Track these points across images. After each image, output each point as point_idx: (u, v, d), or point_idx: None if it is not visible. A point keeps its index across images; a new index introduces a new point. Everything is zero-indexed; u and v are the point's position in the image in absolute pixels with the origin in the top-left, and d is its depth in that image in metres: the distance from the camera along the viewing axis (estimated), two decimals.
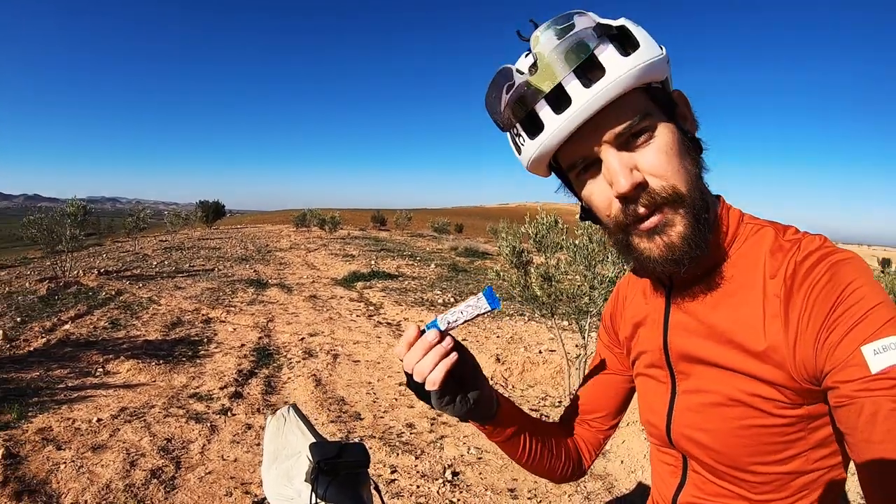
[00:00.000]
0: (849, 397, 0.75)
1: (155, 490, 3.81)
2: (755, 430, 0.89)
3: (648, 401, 1.10)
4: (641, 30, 0.85)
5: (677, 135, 0.88)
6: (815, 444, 0.89)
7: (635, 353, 1.12)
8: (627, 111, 0.84)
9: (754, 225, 0.94)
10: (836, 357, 0.77)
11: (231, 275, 14.42)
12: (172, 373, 6.42)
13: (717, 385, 0.93)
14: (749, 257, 0.91)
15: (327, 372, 6.67)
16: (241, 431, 4.86)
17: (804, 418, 0.87)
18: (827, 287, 0.80)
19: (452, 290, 12.38)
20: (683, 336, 0.98)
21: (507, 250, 6.09)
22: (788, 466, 0.90)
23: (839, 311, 0.78)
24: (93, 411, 5.11)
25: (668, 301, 1.01)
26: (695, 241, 0.86)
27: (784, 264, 0.86)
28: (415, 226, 42.59)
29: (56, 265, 13.80)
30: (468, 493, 3.96)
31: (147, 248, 21.47)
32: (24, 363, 6.53)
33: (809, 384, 0.83)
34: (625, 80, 0.81)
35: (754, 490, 0.94)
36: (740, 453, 0.92)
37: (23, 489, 3.68)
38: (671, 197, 0.85)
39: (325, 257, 19.20)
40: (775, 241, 0.89)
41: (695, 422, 0.97)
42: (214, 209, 37.84)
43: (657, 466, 1.14)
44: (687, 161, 0.88)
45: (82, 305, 9.72)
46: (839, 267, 0.81)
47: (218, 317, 9.47)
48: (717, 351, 0.92)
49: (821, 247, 0.85)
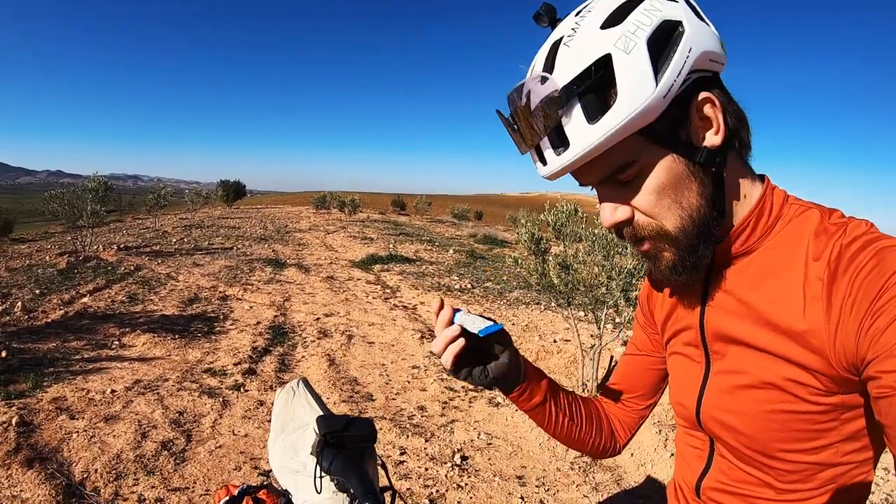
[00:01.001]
0: (892, 388, 0.71)
1: (165, 461, 3.83)
2: (787, 415, 0.86)
3: (680, 380, 1.08)
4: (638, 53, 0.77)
5: (675, 167, 0.84)
6: (847, 437, 0.86)
7: (670, 333, 1.10)
8: (607, 163, 0.84)
9: (799, 206, 0.90)
10: (879, 346, 0.73)
11: (250, 254, 14.50)
12: (187, 348, 6.46)
13: (751, 367, 0.90)
14: (792, 238, 0.88)
15: (341, 352, 6.68)
16: (253, 407, 4.88)
17: (838, 407, 0.83)
18: (873, 273, 0.76)
19: (469, 276, 12.36)
20: (721, 315, 0.95)
21: (525, 237, 6.05)
22: (818, 457, 0.87)
23: (885, 298, 0.74)
24: (107, 383, 5.15)
25: (708, 280, 0.98)
26: (682, 270, 0.89)
27: (829, 247, 0.82)
28: (434, 211, 42.65)
29: (76, 240, 13.95)
30: (476, 478, 3.95)
31: (167, 225, 21.65)
32: (42, 334, 6.60)
33: (848, 372, 0.79)
34: (591, 152, 0.80)
35: (781, 478, 0.91)
36: (769, 438, 0.89)
37: (34, 456, 3.71)
38: (654, 234, 0.87)
39: (343, 239, 19.26)
40: (820, 224, 0.86)
41: (726, 403, 0.95)
42: (235, 189, 38.07)
43: (682, 450, 1.12)
44: (686, 191, 0.85)
45: (101, 279, 9.82)
46: (886, 253, 0.77)
47: (235, 294, 9.52)
48: (753, 332, 0.89)
49: (867, 232, 0.82)
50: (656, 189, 0.84)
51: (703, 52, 0.80)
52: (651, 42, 0.77)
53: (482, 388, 1.43)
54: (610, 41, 0.77)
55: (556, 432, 1.16)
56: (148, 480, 3.60)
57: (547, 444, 4.51)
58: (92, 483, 3.52)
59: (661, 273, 0.91)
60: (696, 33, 0.80)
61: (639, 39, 0.77)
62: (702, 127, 0.85)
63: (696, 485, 1.06)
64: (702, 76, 0.83)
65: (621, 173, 0.84)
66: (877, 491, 3.88)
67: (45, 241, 16.12)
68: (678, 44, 0.78)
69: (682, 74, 0.78)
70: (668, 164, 0.84)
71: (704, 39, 0.81)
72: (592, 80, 0.77)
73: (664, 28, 0.78)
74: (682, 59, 0.78)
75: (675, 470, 1.17)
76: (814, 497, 0.90)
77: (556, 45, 0.83)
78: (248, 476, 3.75)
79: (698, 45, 0.80)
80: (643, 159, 0.83)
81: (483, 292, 10.54)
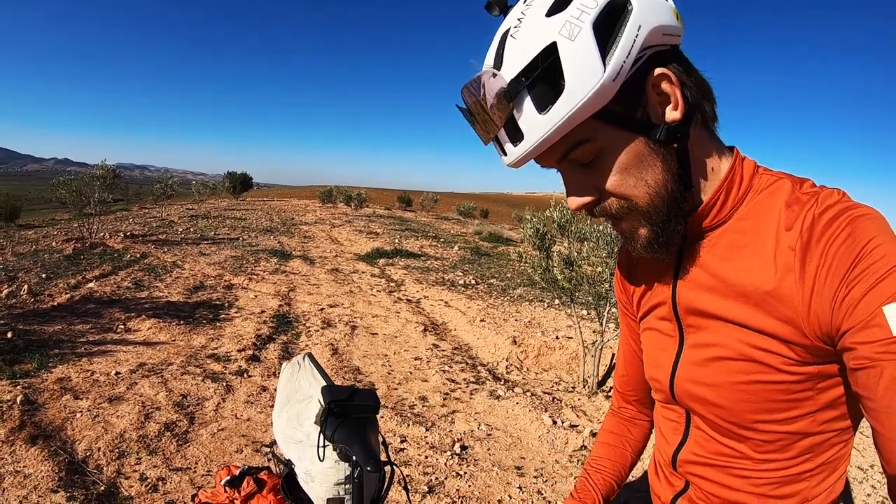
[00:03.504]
0: (869, 359, 0.73)
1: (168, 442, 3.87)
2: (761, 385, 0.87)
3: (654, 354, 1.08)
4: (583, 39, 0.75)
5: (635, 147, 0.83)
6: (823, 406, 0.86)
7: (645, 309, 1.10)
8: (562, 144, 0.83)
9: (770, 176, 0.91)
10: (855, 316, 0.74)
11: (255, 245, 14.53)
12: (192, 333, 6.50)
13: (724, 339, 0.90)
14: (763, 209, 0.88)
15: (344, 342, 6.71)
16: (256, 392, 4.91)
17: (813, 377, 0.84)
18: (847, 242, 0.77)
19: (474, 272, 12.37)
20: (693, 289, 0.95)
21: (530, 232, 6.06)
22: (794, 426, 0.88)
23: (860, 267, 0.74)
24: (112, 365, 5.19)
25: (680, 254, 0.98)
26: (657, 244, 0.89)
27: (801, 216, 0.82)
28: (440, 208, 42.61)
29: (83, 227, 14.01)
30: (475, 467, 3.97)
31: (173, 215, 21.69)
32: (47, 317, 6.64)
33: (822, 342, 0.80)
34: (546, 141, 0.80)
35: (758, 448, 0.92)
36: (744, 409, 0.89)
37: (38, 434, 3.75)
38: (625, 211, 0.87)
39: (349, 233, 19.27)
40: (792, 194, 0.86)
41: (699, 376, 0.95)
42: (242, 181, 38.09)
43: (660, 423, 1.12)
44: (649, 169, 0.84)
45: (107, 266, 9.86)
46: (860, 222, 0.77)
47: (240, 283, 9.55)
48: (725, 304, 0.90)
49: (840, 200, 0.82)
50: (618, 169, 0.84)
51: (655, 27, 0.78)
52: (597, 25, 0.75)
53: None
54: (555, 29, 0.76)
55: None
56: (150, 460, 3.64)
57: (546, 436, 4.53)
58: (95, 461, 3.55)
59: (639, 252, 0.91)
60: (646, 9, 0.77)
61: (583, 24, 0.75)
62: (659, 103, 0.84)
63: (673, 457, 1.07)
64: (657, 51, 0.82)
65: (576, 151, 0.84)
66: (873, 493, 3.89)
67: (51, 227, 16.18)
68: (626, 23, 0.76)
69: (632, 54, 0.77)
70: (626, 145, 0.83)
71: (656, 14, 0.79)
72: (539, 70, 0.76)
73: (610, 9, 0.76)
74: (630, 38, 0.76)
75: (654, 446, 1.18)
76: (792, 466, 0.91)
77: (503, 37, 0.82)
78: (249, 458, 3.78)
79: (649, 22, 0.77)
80: (599, 140, 0.82)
81: (487, 288, 10.55)
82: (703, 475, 1.00)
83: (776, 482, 0.92)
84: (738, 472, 0.95)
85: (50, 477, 3.28)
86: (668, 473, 1.10)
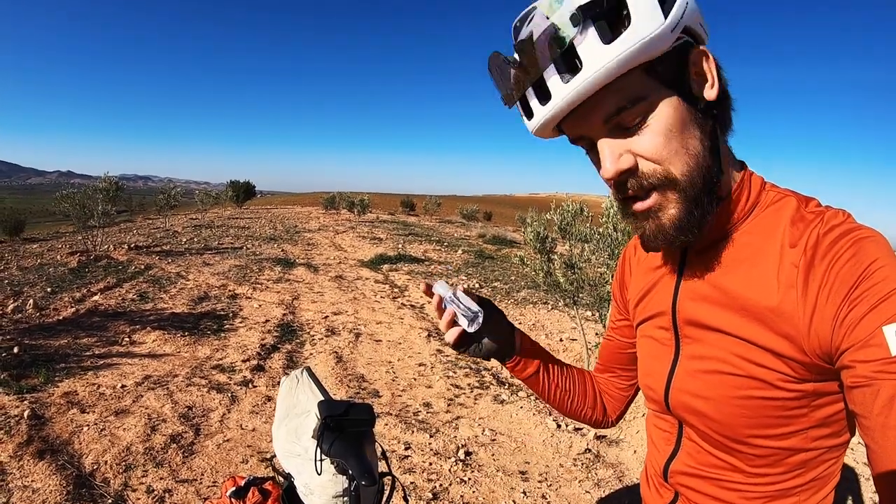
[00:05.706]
0: (866, 378, 0.73)
1: (174, 454, 3.90)
2: (756, 401, 0.87)
3: (649, 363, 1.09)
4: None
5: (681, 110, 0.83)
6: (817, 423, 0.87)
7: (642, 317, 1.10)
8: (616, 96, 0.81)
9: (776, 193, 0.91)
10: (855, 335, 0.75)
11: (259, 253, 14.57)
12: (197, 345, 6.53)
13: (721, 352, 0.91)
14: (768, 225, 0.89)
15: (349, 350, 6.73)
16: (261, 403, 4.94)
17: (809, 395, 0.85)
18: (850, 262, 0.77)
19: (478, 275, 12.40)
20: (693, 300, 0.96)
21: (531, 236, 6.09)
22: (787, 442, 0.88)
23: (862, 288, 0.75)
24: (117, 378, 5.23)
25: (682, 265, 0.99)
26: (687, 225, 0.86)
27: (806, 235, 0.83)
28: (444, 212, 42.59)
29: (87, 239, 14.07)
30: (479, 473, 3.99)
31: (177, 225, 21.76)
32: (53, 331, 6.68)
33: (821, 360, 0.81)
34: (603, 75, 0.78)
35: (749, 462, 0.92)
36: (738, 424, 0.90)
37: (45, 448, 3.78)
38: (662, 182, 0.84)
39: (352, 239, 19.30)
40: (797, 212, 0.87)
41: (695, 388, 0.95)
42: (245, 189, 38.16)
43: (652, 433, 1.13)
44: (691, 138, 0.84)
45: (111, 278, 9.91)
46: (864, 243, 0.78)
47: (244, 293, 9.58)
48: (725, 317, 0.90)
49: (845, 221, 0.83)
50: (664, 131, 0.82)
51: (696, 10, 0.82)
52: None
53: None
54: None
55: (551, 401, 1.24)
56: (157, 472, 3.66)
57: (550, 440, 4.54)
58: (102, 474, 3.58)
59: (664, 233, 0.87)
60: None
61: None
62: (697, 81, 0.85)
63: (664, 469, 1.07)
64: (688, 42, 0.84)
65: (631, 109, 0.82)
66: None
67: (56, 240, 16.24)
68: None
69: (682, 20, 0.79)
70: (675, 105, 0.83)
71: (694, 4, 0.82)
72: (606, 3, 0.76)
73: None
74: (683, 4, 0.79)
75: (646, 455, 1.18)
76: (783, 481, 0.91)
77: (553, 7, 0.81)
78: (255, 469, 3.81)
79: (692, 3, 0.81)
80: (653, 98, 0.82)
81: (491, 291, 10.57)
82: (694, 487, 1.01)
83: (767, 496, 0.93)
84: (729, 485, 0.96)
85: (58, 491, 3.31)
86: (659, 484, 1.10)
